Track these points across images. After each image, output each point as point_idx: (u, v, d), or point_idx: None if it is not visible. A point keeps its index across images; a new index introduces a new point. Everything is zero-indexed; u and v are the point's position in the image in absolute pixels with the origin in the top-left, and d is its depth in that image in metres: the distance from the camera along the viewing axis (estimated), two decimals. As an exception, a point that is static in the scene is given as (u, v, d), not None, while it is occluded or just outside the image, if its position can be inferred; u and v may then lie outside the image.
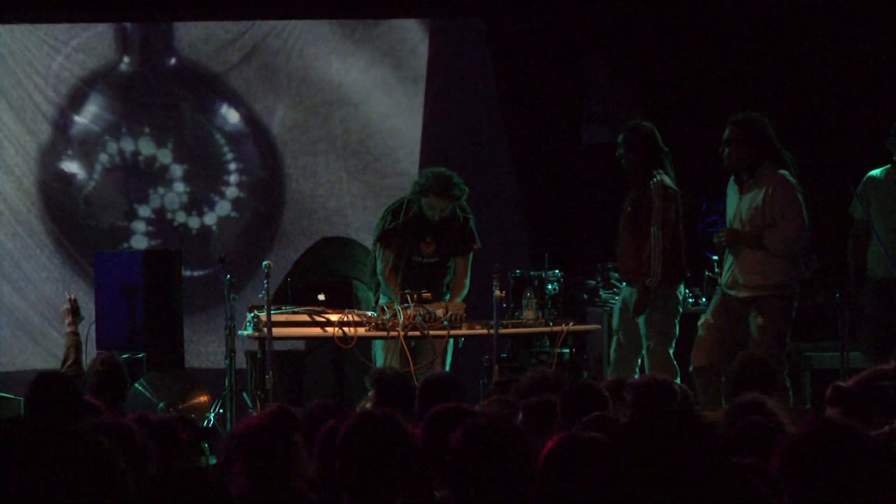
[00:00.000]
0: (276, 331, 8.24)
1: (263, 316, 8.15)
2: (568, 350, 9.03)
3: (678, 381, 7.60)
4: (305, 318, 8.37)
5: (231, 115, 11.57)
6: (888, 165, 8.63)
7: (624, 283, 8.68)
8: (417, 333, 8.24)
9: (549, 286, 9.29)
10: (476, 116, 11.38)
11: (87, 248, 11.11)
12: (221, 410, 9.11)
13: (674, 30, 10.76)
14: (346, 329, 8.26)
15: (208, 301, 11.10)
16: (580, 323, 8.90)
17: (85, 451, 3.09)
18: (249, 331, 8.39)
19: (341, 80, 11.50)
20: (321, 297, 8.81)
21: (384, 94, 11.54)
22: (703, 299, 9.49)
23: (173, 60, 11.47)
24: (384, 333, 8.25)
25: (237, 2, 11.06)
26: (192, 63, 11.47)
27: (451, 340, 8.52)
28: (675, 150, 8.85)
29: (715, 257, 9.22)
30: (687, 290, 9.44)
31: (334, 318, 8.31)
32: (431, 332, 8.24)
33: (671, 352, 8.43)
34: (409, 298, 8.25)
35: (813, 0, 10.64)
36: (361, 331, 8.29)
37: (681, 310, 8.54)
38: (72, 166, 11.38)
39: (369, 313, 8.42)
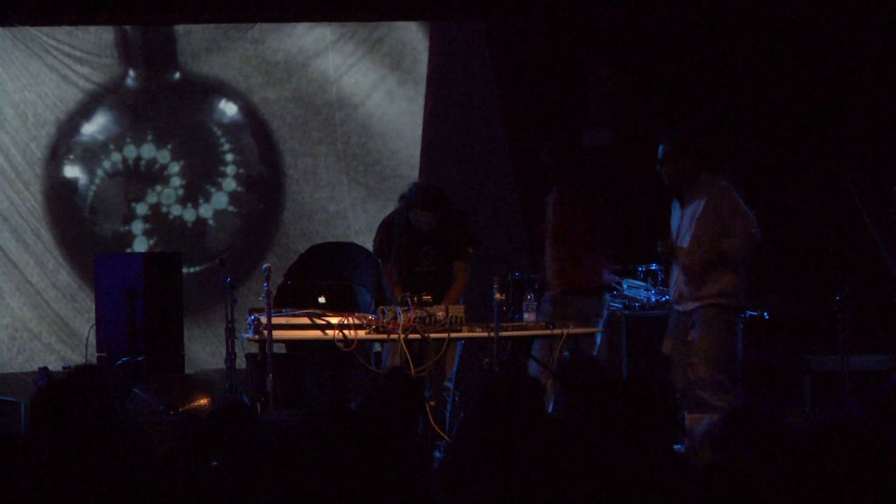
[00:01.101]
0: (277, 333, 8.24)
1: (264, 319, 8.15)
2: (568, 353, 9.03)
3: None
4: (305, 320, 8.37)
5: (229, 108, 11.57)
6: None
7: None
8: (417, 336, 8.24)
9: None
10: (476, 118, 11.37)
11: (90, 254, 11.11)
12: (222, 413, 9.11)
13: (676, 31, 10.75)
14: (346, 332, 8.26)
15: (205, 298, 11.07)
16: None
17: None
18: (250, 333, 8.39)
19: (341, 81, 11.50)
20: (321, 300, 8.80)
21: (384, 96, 11.54)
22: None
23: (177, 75, 11.46)
24: (384, 336, 8.26)
25: (237, 3, 11.05)
26: (193, 69, 11.47)
27: (460, 344, 8.55)
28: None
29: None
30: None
31: (334, 320, 8.31)
32: (431, 335, 8.24)
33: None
34: (409, 301, 8.26)
35: (815, 1, 10.64)
36: (361, 333, 8.29)
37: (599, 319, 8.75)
38: (75, 174, 11.38)
39: (370, 316, 8.42)
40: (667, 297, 9.65)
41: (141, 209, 11.43)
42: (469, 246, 8.68)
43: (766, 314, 9.38)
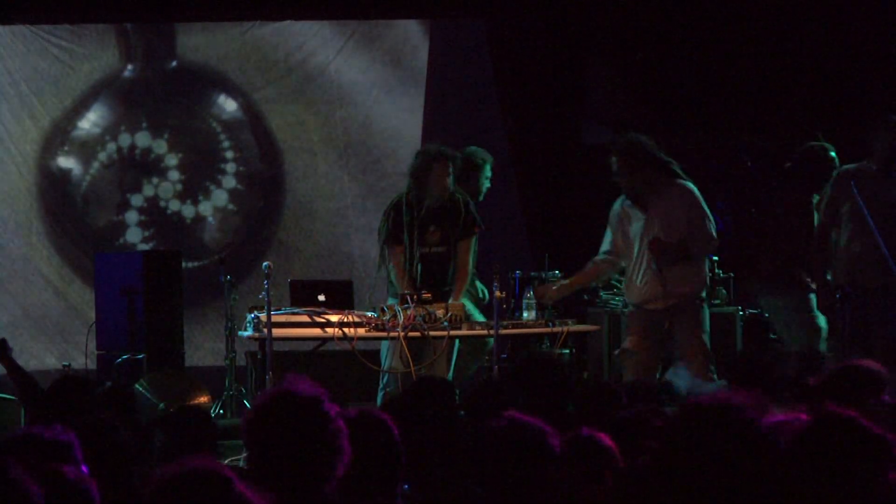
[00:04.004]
0: (277, 331, 8.22)
1: (263, 316, 8.13)
2: (568, 351, 9.03)
3: None
4: (305, 318, 8.36)
5: (228, 104, 11.57)
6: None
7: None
8: (417, 334, 8.22)
9: (549, 287, 9.27)
10: (476, 116, 11.37)
11: (86, 248, 11.10)
12: (222, 411, 9.12)
13: (675, 29, 10.75)
14: (345, 330, 8.25)
15: (203, 294, 11.05)
16: (580, 323, 8.89)
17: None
18: (249, 332, 8.38)
19: (341, 80, 11.50)
20: (321, 297, 8.78)
21: (384, 94, 11.54)
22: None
23: (174, 63, 11.47)
24: (384, 334, 8.24)
25: (237, 2, 11.05)
26: (193, 64, 11.47)
27: (457, 342, 8.53)
28: (676, 150, 8.86)
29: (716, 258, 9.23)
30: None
31: (334, 318, 8.29)
32: (431, 333, 8.23)
33: None
34: (409, 299, 8.24)
35: (812, 2, 10.64)
36: (361, 331, 8.28)
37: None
38: (70, 165, 11.37)
39: (369, 314, 8.40)
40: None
41: (136, 200, 11.42)
42: (475, 225, 8.64)
43: (766, 314, 9.37)
